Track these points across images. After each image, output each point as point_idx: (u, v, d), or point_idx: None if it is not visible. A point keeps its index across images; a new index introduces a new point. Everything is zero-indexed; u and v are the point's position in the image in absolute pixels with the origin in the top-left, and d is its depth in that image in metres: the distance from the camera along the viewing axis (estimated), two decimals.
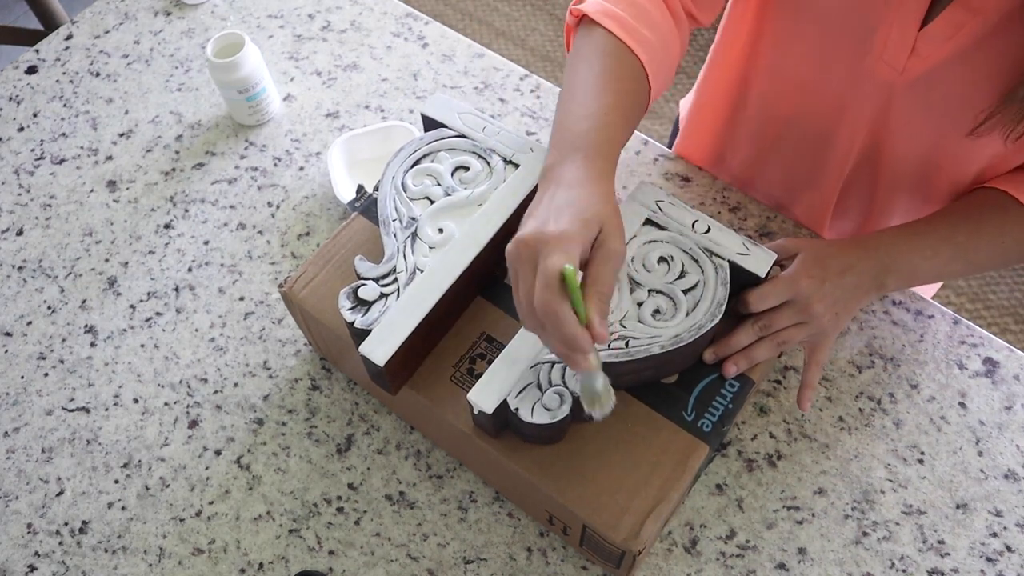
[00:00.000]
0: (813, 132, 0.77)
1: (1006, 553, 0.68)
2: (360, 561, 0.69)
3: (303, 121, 0.95)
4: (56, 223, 0.89)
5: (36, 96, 0.99)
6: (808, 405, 0.68)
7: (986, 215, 0.68)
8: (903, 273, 0.67)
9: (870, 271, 0.65)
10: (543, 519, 0.67)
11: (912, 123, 0.69)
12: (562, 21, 2.20)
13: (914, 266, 0.67)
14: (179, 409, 0.77)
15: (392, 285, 0.63)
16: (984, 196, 0.69)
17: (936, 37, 0.62)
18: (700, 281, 0.63)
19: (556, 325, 0.49)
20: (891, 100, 0.68)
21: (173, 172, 0.92)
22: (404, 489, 0.72)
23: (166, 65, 1.01)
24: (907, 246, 0.67)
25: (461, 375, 0.65)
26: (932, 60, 0.63)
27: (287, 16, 1.05)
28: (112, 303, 0.83)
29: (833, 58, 0.69)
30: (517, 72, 0.98)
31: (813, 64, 0.72)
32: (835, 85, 0.71)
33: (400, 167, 0.69)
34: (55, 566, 0.70)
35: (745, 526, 0.69)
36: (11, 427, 0.76)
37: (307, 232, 0.86)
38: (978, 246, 0.67)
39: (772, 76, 0.77)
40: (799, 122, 0.78)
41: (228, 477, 0.73)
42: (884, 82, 0.67)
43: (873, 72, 0.67)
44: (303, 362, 0.78)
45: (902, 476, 0.71)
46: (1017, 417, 0.73)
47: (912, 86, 0.66)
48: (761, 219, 0.85)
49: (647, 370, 0.62)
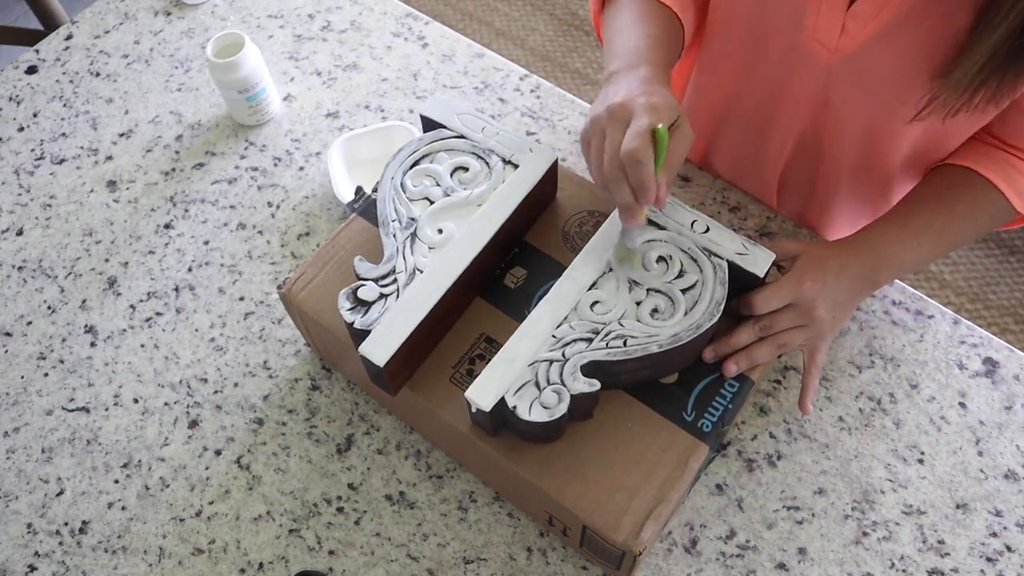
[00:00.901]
0: (754, 112, 0.80)
1: (1006, 553, 0.68)
2: (360, 561, 0.69)
3: (303, 121, 0.95)
4: (56, 223, 0.89)
5: (36, 96, 0.99)
6: (810, 408, 0.68)
7: (957, 195, 0.70)
8: (893, 267, 0.68)
9: (864, 270, 0.67)
10: (543, 520, 0.67)
11: (848, 102, 0.71)
12: (562, 21, 2.20)
13: (903, 259, 0.68)
14: (179, 409, 0.77)
15: (392, 286, 0.63)
16: (950, 175, 0.71)
17: (862, 16, 0.63)
18: (699, 281, 0.63)
19: (638, 171, 0.55)
20: (827, 80, 0.70)
21: (173, 172, 0.92)
22: (404, 489, 0.72)
23: (166, 65, 1.01)
24: (895, 240, 0.69)
25: (461, 376, 0.65)
26: (860, 38, 0.65)
27: (287, 16, 1.05)
28: (112, 303, 0.83)
29: (769, 38, 0.71)
30: (517, 72, 0.98)
31: (751, 45, 0.74)
32: (772, 66, 0.73)
33: (399, 168, 0.69)
34: (55, 566, 0.70)
35: (745, 526, 0.69)
36: (11, 427, 0.76)
37: (307, 232, 0.86)
38: (955, 227, 0.70)
39: (715, 58, 0.80)
40: (740, 102, 0.82)
41: (228, 477, 0.73)
42: (819, 62, 0.69)
43: (807, 52, 0.69)
44: (303, 362, 0.78)
45: (902, 476, 0.71)
46: (1017, 417, 0.73)
47: (845, 64, 0.67)
48: (761, 219, 0.85)
49: (645, 369, 0.62)
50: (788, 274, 0.65)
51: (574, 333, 0.61)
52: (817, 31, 0.66)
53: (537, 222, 0.72)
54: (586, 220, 0.72)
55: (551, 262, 0.69)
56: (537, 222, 0.72)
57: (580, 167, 0.90)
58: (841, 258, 0.66)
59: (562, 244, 0.71)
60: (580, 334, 0.61)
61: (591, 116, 0.60)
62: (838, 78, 0.69)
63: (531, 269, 0.69)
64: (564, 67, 2.11)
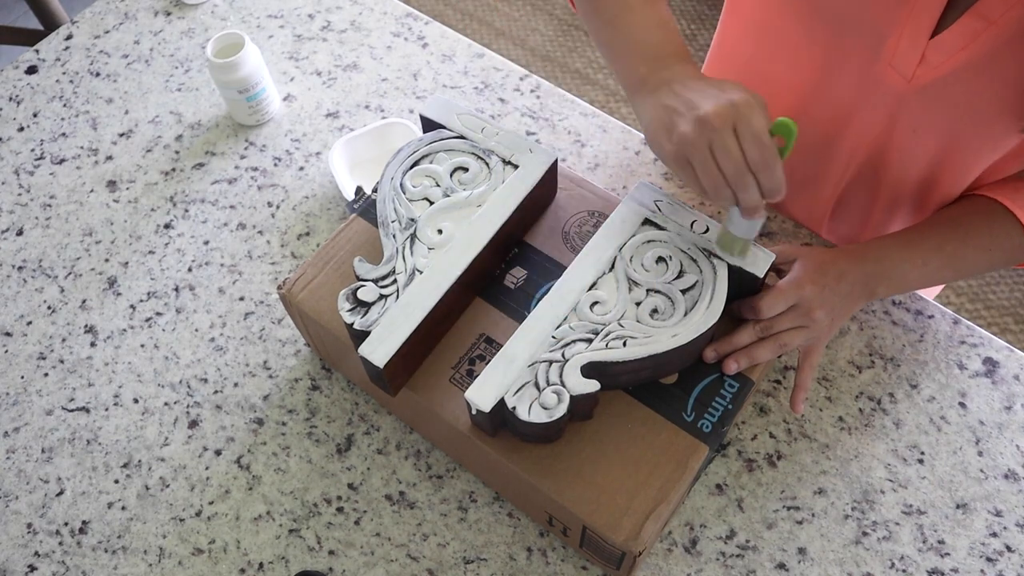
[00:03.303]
0: (816, 135, 0.77)
1: (1006, 553, 0.68)
2: (360, 561, 0.69)
3: (303, 121, 0.95)
4: (56, 223, 0.89)
5: (36, 96, 0.99)
6: (801, 407, 0.68)
7: (975, 224, 0.68)
8: (893, 281, 0.68)
9: (862, 279, 0.67)
10: (543, 520, 0.67)
11: (918, 132, 0.69)
12: (562, 21, 2.20)
13: (904, 274, 0.68)
14: (179, 409, 0.77)
15: (391, 286, 0.63)
16: (973, 204, 0.69)
17: (948, 46, 0.61)
18: (698, 281, 0.63)
19: (771, 175, 0.54)
20: (898, 108, 0.68)
21: (173, 172, 0.92)
22: (404, 489, 0.72)
23: (166, 65, 1.01)
24: (899, 255, 0.68)
25: (460, 376, 0.65)
26: (942, 69, 0.62)
27: (287, 16, 1.05)
28: (112, 303, 0.83)
29: (841, 62, 0.69)
30: (517, 72, 0.98)
31: (819, 67, 0.71)
32: (842, 90, 0.70)
33: (399, 168, 0.69)
34: (55, 566, 0.70)
35: (745, 526, 0.69)
36: (11, 427, 0.76)
37: (307, 232, 0.86)
38: (966, 255, 0.68)
39: (775, 77, 0.77)
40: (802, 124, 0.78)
41: (228, 477, 0.73)
42: (892, 89, 0.66)
43: (881, 79, 0.66)
44: (303, 362, 0.78)
45: (902, 476, 0.71)
46: (1017, 417, 0.73)
47: (919, 94, 0.65)
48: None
49: (645, 370, 0.62)
50: (789, 277, 0.65)
51: (574, 334, 0.61)
52: (895, 58, 0.64)
53: (537, 222, 0.72)
54: (586, 220, 0.72)
55: (551, 262, 0.69)
56: (537, 222, 0.72)
57: (580, 167, 0.90)
58: (841, 264, 0.66)
59: (562, 244, 0.71)
60: (580, 335, 0.61)
61: (679, 134, 0.56)
62: (910, 107, 0.67)
63: (531, 269, 0.69)
64: (564, 67, 2.11)
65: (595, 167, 0.90)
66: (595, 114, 0.94)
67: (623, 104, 2.04)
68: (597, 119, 0.93)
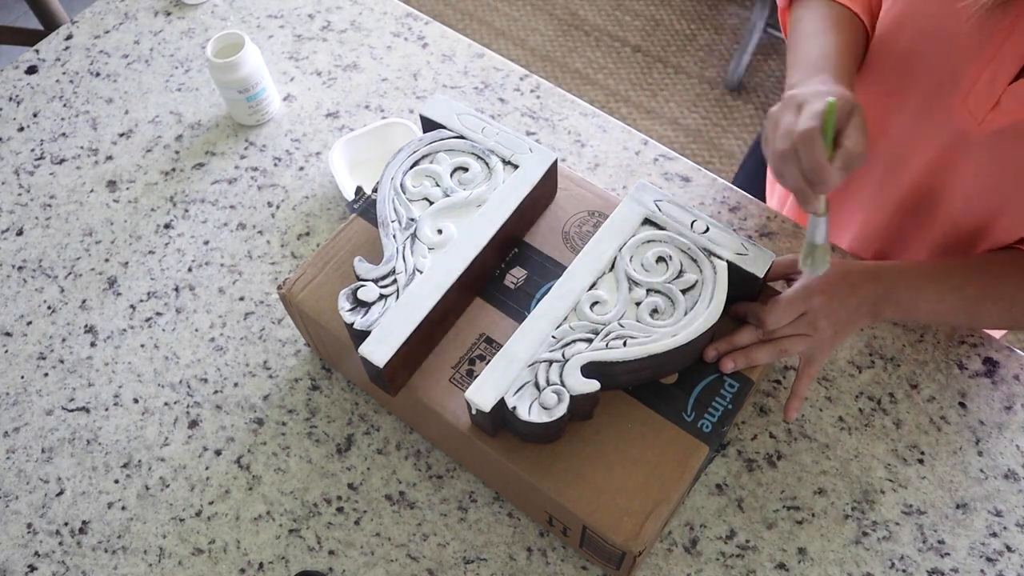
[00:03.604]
0: (876, 160, 0.75)
1: (1006, 553, 0.68)
2: (360, 561, 0.69)
3: (303, 121, 0.95)
4: (56, 223, 0.89)
5: (36, 96, 0.99)
6: (794, 415, 0.68)
7: (1004, 277, 0.67)
8: (902, 307, 0.67)
9: (872, 297, 0.66)
10: (543, 520, 0.67)
11: (979, 177, 0.67)
12: (562, 21, 2.20)
13: (915, 304, 0.67)
14: (179, 409, 0.77)
15: (391, 286, 0.63)
16: (1008, 257, 0.68)
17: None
18: (699, 281, 0.63)
19: (809, 150, 0.55)
20: (963, 148, 0.66)
21: (173, 172, 0.92)
22: (404, 489, 0.72)
23: (166, 65, 1.01)
24: (915, 283, 0.67)
25: (460, 376, 0.65)
26: (1016, 116, 0.61)
27: (287, 16, 1.05)
28: (112, 303, 0.83)
29: (910, 97, 0.68)
30: (517, 72, 0.98)
31: (894, 89, 0.70)
32: (910, 116, 0.69)
33: (399, 168, 0.69)
34: (55, 566, 0.70)
35: (745, 526, 0.69)
36: (11, 427, 0.76)
37: (307, 232, 0.86)
38: (985, 304, 0.67)
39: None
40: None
41: (228, 477, 0.73)
42: (959, 130, 0.65)
43: (950, 118, 0.65)
44: (303, 362, 0.78)
45: (902, 476, 0.71)
46: (1017, 417, 0.73)
47: (987, 139, 0.64)
48: (761, 219, 0.85)
49: (645, 370, 0.62)
50: (799, 285, 0.65)
51: (574, 333, 0.61)
52: (969, 98, 0.63)
53: (537, 222, 0.72)
54: (586, 220, 0.72)
55: (551, 262, 0.69)
56: (537, 222, 0.72)
57: (580, 167, 0.90)
58: (854, 278, 0.66)
59: (562, 244, 0.71)
60: (580, 334, 0.61)
61: (769, 114, 0.60)
62: (977, 149, 0.65)
63: (531, 269, 0.69)
64: (564, 67, 2.11)
65: (595, 167, 0.90)
66: (595, 114, 0.94)
67: (623, 104, 2.04)
68: (597, 119, 0.94)
